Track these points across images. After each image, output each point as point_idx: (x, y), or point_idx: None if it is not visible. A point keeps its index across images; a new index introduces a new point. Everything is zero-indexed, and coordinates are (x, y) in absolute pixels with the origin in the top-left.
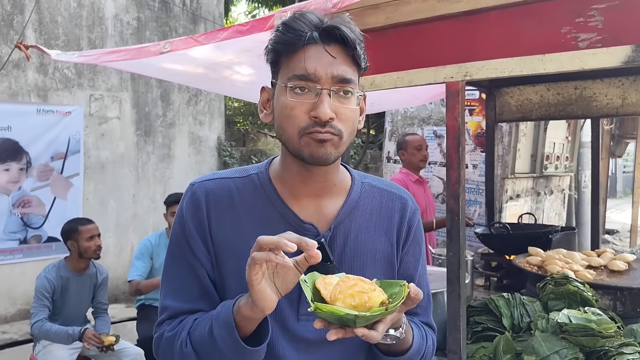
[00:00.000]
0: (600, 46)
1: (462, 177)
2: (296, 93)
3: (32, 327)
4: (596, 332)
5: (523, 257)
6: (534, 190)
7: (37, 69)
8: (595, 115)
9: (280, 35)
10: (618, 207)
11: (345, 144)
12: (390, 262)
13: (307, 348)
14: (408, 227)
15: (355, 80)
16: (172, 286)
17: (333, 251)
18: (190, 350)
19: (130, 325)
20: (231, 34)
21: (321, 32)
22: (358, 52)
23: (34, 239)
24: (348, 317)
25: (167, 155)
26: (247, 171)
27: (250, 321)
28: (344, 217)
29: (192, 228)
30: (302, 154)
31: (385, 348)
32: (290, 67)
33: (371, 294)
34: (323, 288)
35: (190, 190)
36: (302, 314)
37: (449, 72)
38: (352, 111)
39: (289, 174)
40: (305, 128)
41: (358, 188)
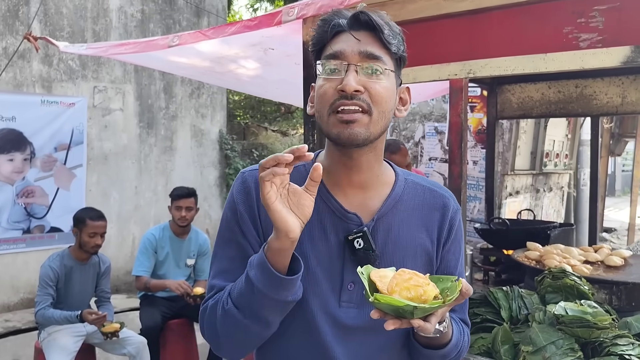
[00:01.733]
0: (600, 46)
1: (464, 172)
2: (327, 75)
3: (36, 315)
4: (591, 323)
5: (522, 252)
6: (534, 187)
7: (41, 60)
8: (595, 113)
9: (317, 29)
10: (616, 206)
11: (377, 124)
12: (430, 258)
13: (347, 335)
14: (450, 225)
15: (384, 60)
16: (222, 267)
17: (375, 242)
18: (231, 307)
19: (131, 316)
20: (239, 28)
21: (349, 19)
22: (386, 35)
23: (37, 229)
24: (407, 308)
25: (169, 147)
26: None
27: (279, 254)
28: (387, 210)
29: (243, 212)
30: (331, 134)
31: (425, 341)
32: (323, 54)
33: (426, 287)
34: (378, 280)
35: (241, 178)
36: (343, 300)
37: (452, 69)
38: (384, 87)
39: (333, 164)
40: (333, 103)
41: (402, 183)
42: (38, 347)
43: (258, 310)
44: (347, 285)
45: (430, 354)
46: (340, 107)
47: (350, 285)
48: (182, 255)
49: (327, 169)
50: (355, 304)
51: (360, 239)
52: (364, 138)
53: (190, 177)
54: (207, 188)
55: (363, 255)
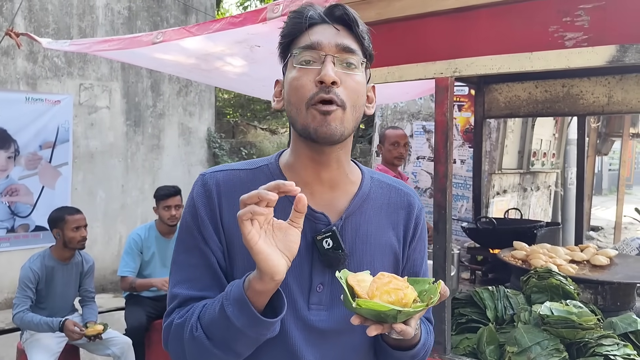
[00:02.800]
0: (586, 45)
1: (450, 171)
2: (302, 66)
3: (13, 318)
4: (577, 324)
5: (508, 251)
6: (521, 186)
7: (26, 57)
8: (581, 113)
9: (288, 21)
10: (603, 205)
11: (350, 119)
12: (396, 257)
13: (317, 338)
14: (415, 224)
15: (358, 54)
16: (183, 275)
17: (344, 241)
18: (201, 334)
19: (117, 315)
20: (224, 25)
21: (325, 12)
22: (361, 29)
23: (22, 228)
24: (391, 312)
25: (157, 145)
26: (257, 163)
27: (261, 295)
28: (354, 209)
29: (204, 216)
30: (309, 129)
31: (395, 343)
32: (297, 45)
33: (406, 290)
34: (356, 285)
35: (201, 180)
36: (312, 302)
37: (438, 68)
38: (357, 83)
39: (300, 161)
40: (312, 97)
41: (368, 182)
42: (20, 348)
43: (231, 344)
44: (316, 287)
45: (400, 355)
46: (319, 101)
47: (319, 287)
48: (168, 255)
49: (293, 167)
50: (324, 306)
51: (329, 239)
52: (340, 134)
53: (177, 176)
54: None
55: (332, 255)
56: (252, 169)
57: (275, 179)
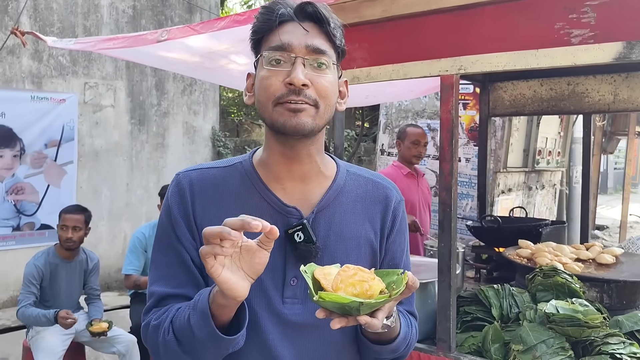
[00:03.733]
0: (592, 42)
1: (455, 169)
2: (272, 65)
3: (17, 313)
4: (582, 322)
5: (513, 250)
6: (526, 185)
7: (31, 55)
8: (587, 111)
9: (259, 17)
10: (609, 203)
11: (322, 116)
12: (373, 249)
13: (293, 332)
14: (393, 217)
15: (330, 54)
16: (159, 273)
17: (317, 234)
18: (172, 338)
19: (122, 313)
20: (228, 23)
21: (295, 9)
22: (332, 27)
23: (27, 226)
24: (352, 305)
25: (161, 144)
26: (231, 161)
27: (225, 309)
28: (328, 202)
29: (178, 216)
30: (276, 124)
31: (374, 337)
32: (267, 43)
33: (371, 282)
34: (322, 278)
35: (175, 180)
36: (287, 296)
37: (443, 65)
38: (329, 82)
39: (272, 157)
40: (280, 97)
41: (343, 175)
42: (26, 346)
43: (198, 352)
44: (290, 281)
45: (379, 349)
46: (287, 102)
47: (293, 281)
48: None
49: (266, 163)
50: (299, 300)
51: (300, 232)
52: (310, 128)
53: None
54: None
55: (304, 249)
56: (225, 167)
57: (248, 176)
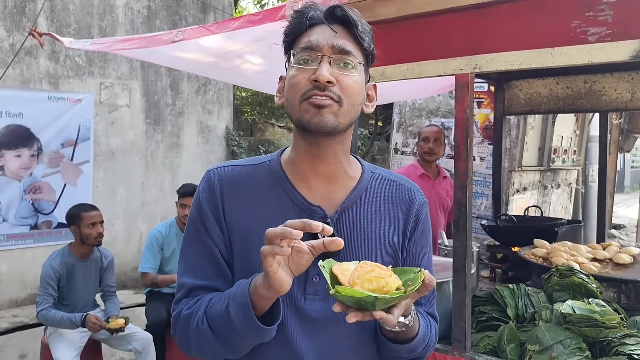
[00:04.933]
0: (609, 40)
1: (470, 168)
2: (300, 64)
3: (37, 315)
4: (599, 322)
5: (528, 249)
6: (541, 184)
7: (48, 56)
8: (604, 109)
9: (291, 21)
10: (625, 202)
11: (347, 114)
12: (395, 250)
13: (314, 328)
14: (416, 218)
15: (356, 55)
16: (188, 265)
17: (340, 234)
18: (206, 328)
19: (138, 311)
20: (243, 23)
21: (325, 13)
22: (360, 30)
23: (45, 225)
24: (368, 299)
25: (176, 144)
26: (260, 160)
27: (266, 301)
28: (352, 203)
29: (207, 210)
30: (302, 120)
31: (392, 336)
32: (297, 45)
33: (388, 279)
34: (340, 274)
35: (206, 176)
36: (308, 293)
37: (458, 64)
38: (354, 81)
39: (299, 156)
40: (305, 93)
41: (368, 177)
42: (44, 343)
43: (231, 340)
44: (312, 278)
45: (397, 348)
46: (312, 97)
47: (315, 278)
48: None
49: (293, 162)
50: (320, 297)
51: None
52: (333, 126)
53: (196, 174)
54: None
55: None
56: (254, 165)
57: (275, 175)
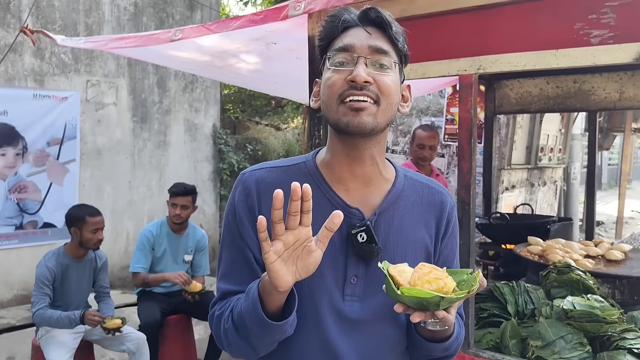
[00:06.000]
0: (612, 42)
1: (473, 167)
2: (336, 67)
3: (33, 316)
4: (600, 318)
5: (523, 247)
6: (529, 182)
7: (33, 53)
8: (593, 108)
9: (325, 25)
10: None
11: (384, 114)
12: (428, 252)
13: (351, 328)
14: (447, 221)
15: (392, 56)
16: (224, 270)
17: (377, 235)
18: (230, 326)
19: (127, 311)
20: (244, 23)
21: (359, 15)
22: (394, 32)
23: (30, 225)
24: (433, 300)
25: (163, 142)
26: (294, 161)
27: (270, 296)
28: (388, 205)
29: (243, 215)
30: (340, 123)
31: (429, 335)
32: (332, 47)
33: (446, 280)
34: (397, 275)
35: (241, 179)
36: (347, 294)
37: (462, 65)
38: (391, 81)
39: (336, 158)
40: (342, 93)
41: (402, 180)
42: (36, 345)
43: (249, 337)
44: (351, 279)
45: (433, 347)
46: (349, 97)
47: (354, 279)
48: (179, 251)
49: (329, 164)
50: (358, 298)
51: (363, 233)
52: (371, 127)
53: (184, 172)
54: (201, 183)
55: (366, 249)
56: (289, 166)
57: (312, 176)
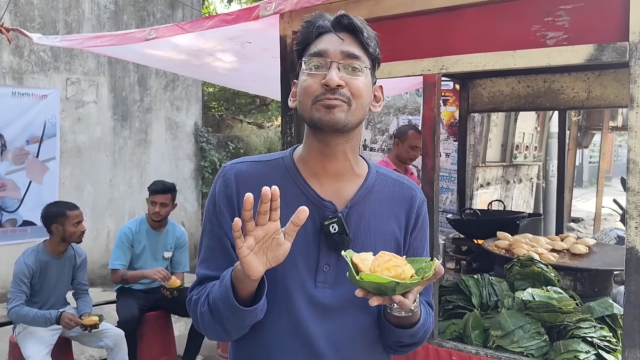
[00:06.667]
0: (566, 44)
1: (437, 165)
2: (311, 70)
3: (9, 312)
4: (557, 308)
5: (492, 241)
6: (504, 179)
7: (12, 51)
8: (562, 107)
9: (301, 30)
10: (584, 196)
11: (355, 113)
12: (398, 244)
13: (323, 313)
14: (417, 215)
15: (363, 60)
16: (204, 256)
17: (349, 227)
18: (206, 309)
19: (107, 308)
20: (217, 22)
21: (332, 21)
22: (365, 37)
23: (9, 223)
24: (389, 285)
25: (144, 140)
26: (273, 156)
27: (242, 284)
28: (359, 199)
29: (222, 205)
30: (314, 119)
31: (396, 321)
32: (307, 52)
33: (404, 267)
34: (360, 262)
35: (222, 171)
36: (319, 281)
37: (426, 65)
38: (362, 83)
39: (311, 154)
40: (317, 96)
41: (374, 175)
42: (13, 341)
43: (222, 321)
44: (323, 267)
45: (400, 333)
46: (323, 99)
47: (326, 267)
48: (159, 248)
49: (304, 159)
50: (329, 285)
51: (335, 224)
52: (343, 123)
53: (165, 170)
54: (183, 181)
55: (338, 240)
56: (267, 161)
57: (288, 170)
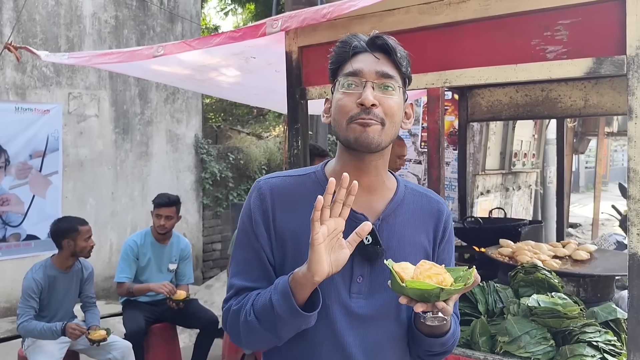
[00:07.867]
0: (565, 57)
1: (442, 175)
2: (346, 89)
3: (18, 328)
4: (562, 314)
5: (495, 249)
6: (503, 186)
7: (15, 67)
8: (560, 115)
9: (336, 50)
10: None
11: (388, 133)
12: (427, 255)
13: (357, 323)
14: (444, 228)
15: (396, 79)
16: (238, 268)
17: (381, 238)
18: (253, 318)
19: (112, 321)
20: (224, 39)
21: (367, 42)
22: (398, 57)
23: (13, 237)
24: (434, 291)
25: (145, 153)
26: (305, 171)
27: (302, 288)
28: (390, 212)
29: (258, 217)
30: (349, 138)
31: (428, 330)
32: (342, 71)
33: (444, 275)
34: (401, 271)
35: (257, 186)
36: (353, 291)
37: (430, 79)
38: (395, 102)
39: (344, 168)
40: (353, 116)
41: (402, 189)
42: (22, 355)
43: (276, 327)
44: (357, 278)
45: (431, 342)
46: (358, 119)
47: (359, 278)
48: (164, 260)
49: (337, 174)
50: (363, 295)
51: (369, 236)
52: (377, 143)
53: (166, 182)
54: (184, 192)
55: (371, 250)
56: (301, 175)
57: (321, 184)
